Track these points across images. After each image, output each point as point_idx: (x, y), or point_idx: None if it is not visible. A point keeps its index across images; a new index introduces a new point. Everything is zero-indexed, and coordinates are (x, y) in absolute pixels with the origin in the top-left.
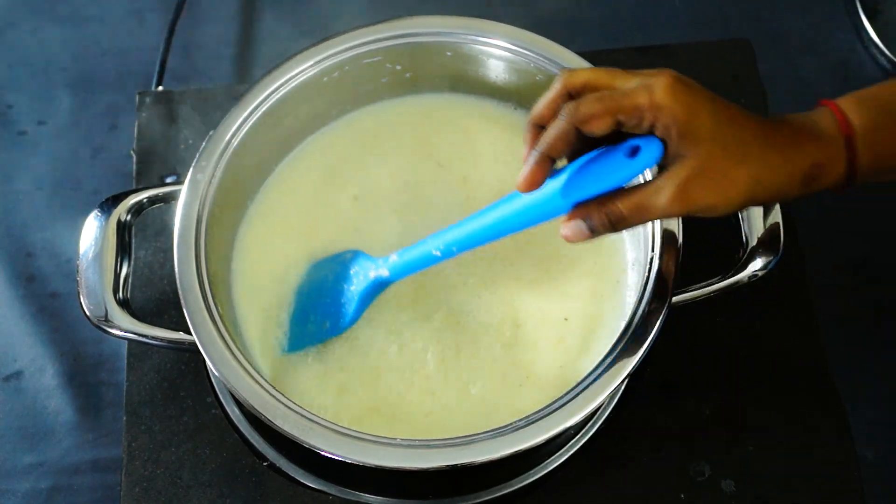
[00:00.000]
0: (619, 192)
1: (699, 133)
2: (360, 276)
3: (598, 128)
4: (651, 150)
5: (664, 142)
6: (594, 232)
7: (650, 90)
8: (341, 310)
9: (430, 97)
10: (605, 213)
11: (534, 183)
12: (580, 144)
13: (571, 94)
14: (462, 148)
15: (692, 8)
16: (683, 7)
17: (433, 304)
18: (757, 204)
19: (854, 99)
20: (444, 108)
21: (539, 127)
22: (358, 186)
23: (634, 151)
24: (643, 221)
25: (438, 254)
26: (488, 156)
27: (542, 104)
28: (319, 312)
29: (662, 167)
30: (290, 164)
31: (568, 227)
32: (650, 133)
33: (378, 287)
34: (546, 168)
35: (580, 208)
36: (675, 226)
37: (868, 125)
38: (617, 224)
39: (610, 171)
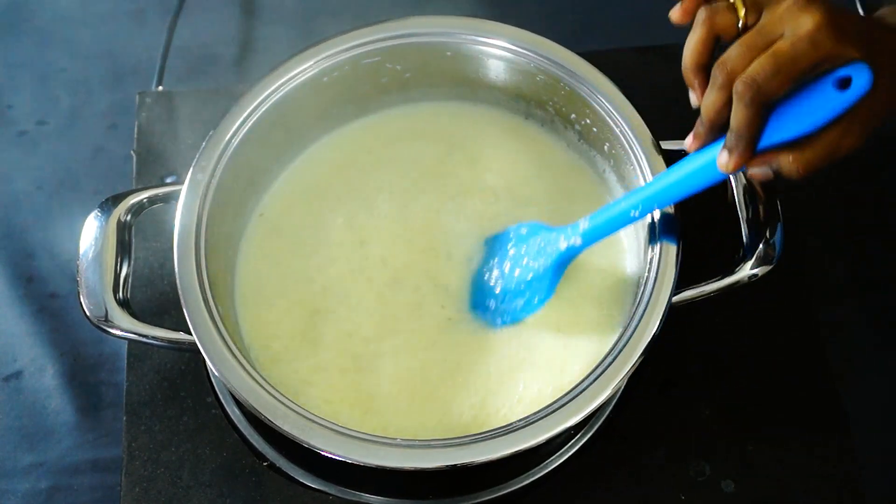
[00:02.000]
0: (806, 138)
1: (875, 68)
2: (549, 248)
3: (781, 93)
4: (862, 78)
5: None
6: (778, 175)
7: (815, 38)
8: (534, 285)
9: (430, 97)
10: (796, 160)
11: (741, 165)
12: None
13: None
14: (462, 148)
15: None
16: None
17: (436, 303)
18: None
19: None
20: (445, 108)
21: (702, 69)
22: (359, 185)
23: (845, 83)
24: (830, 163)
25: (636, 214)
26: (488, 155)
27: (692, 51)
28: (510, 291)
29: None
30: (290, 164)
31: (757, 168)
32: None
33: (571, 255)
34: (753, 150)
35: (771, 150)
36: (676, 226)
37: None
38: (805, 170)
39: (817, 108)
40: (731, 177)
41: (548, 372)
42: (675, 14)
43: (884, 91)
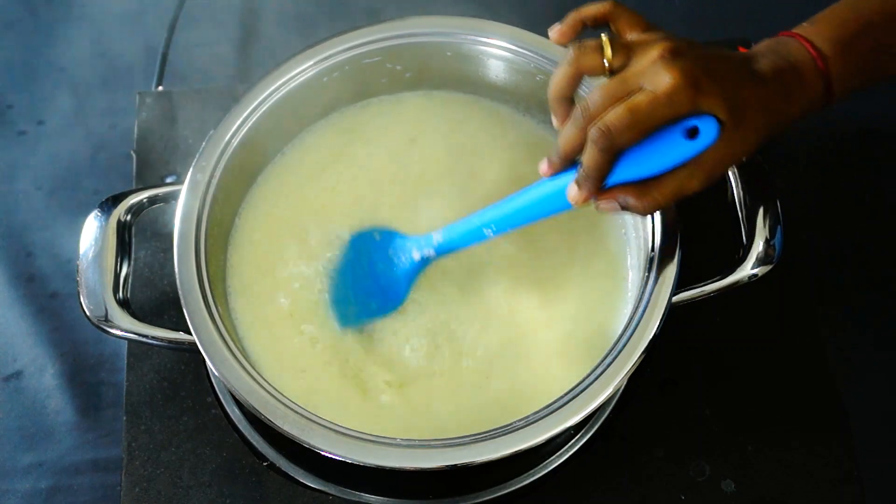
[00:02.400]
0: (652, 179)
1: (725, 122)
2: (403, 257)
3: (632, 144)
4: (710, 130)
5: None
6: (626, 210)
7: (672, 96)
8: (387, 290)
9: (430, 97)
10: (642, 198)
11: (587, 200)
12: None
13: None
14: (463, 148)
15: (691, 8)
16: (683, 7)
17: (439, 304)
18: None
19: (819, 29)
20: (445, 108)
21: (565, 100)
22: (359, 186)
23: (693, 133)
24: (672, 203)
25: (490, 232)
26: (488, 154)
27: (556, 84)
28: (361, 292)
29: None
30: (290, 163)
31: (604, 203)
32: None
33: (423, 265)
34: (599, 188)
35: (620, 187)
36: (676, 226)
37: (837, 58)
38: (649, 208)
39: (666, 153)
40: (731, 177)
41: (547, 371)
42: (553, 34)
43: (734, 141)
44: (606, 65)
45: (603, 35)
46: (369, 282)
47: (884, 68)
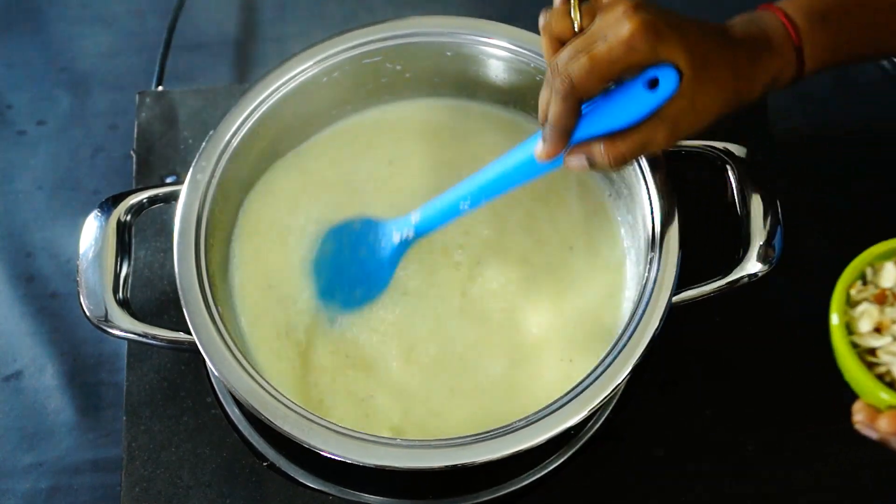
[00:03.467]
0: (618, 132)
1: (685, 72)
2: (384, 241)
3: (594, 91)
4: (669, 80)
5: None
6: (593, 167)
7: (631, 42)
8: (371, 276)
9: (431, 97)
10: (608, 152)
11: (556, 155)
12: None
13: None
14: (463, 147)
15: (692, 8)
16: (683, 7)
17: (436, 301)
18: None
19: (795, 2)
20: (445, 108)
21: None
22: (359, 186)
23: (654, 84)
24: (640, 157)
25: (465, 206)
26: (488, 154)
27: (543, 51)
28: (345, 282)
29: None
30: (290, 164)
31: (572, 158)
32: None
33: (405, 247)
34: (566, 141)
35: (586, 142)
36: (675, 226)
37: (811, 30)
38: (616, 162)
39: (628, 105)
40: (731, 177)
41: (547, 371)
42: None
43: (699, 95)
44: (575, 27)
45: None
46: (353, 270)
47: (857, 47)
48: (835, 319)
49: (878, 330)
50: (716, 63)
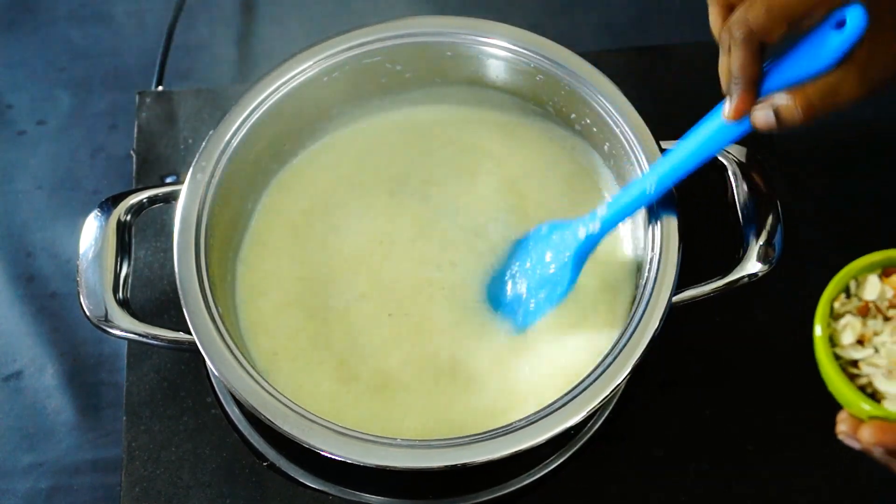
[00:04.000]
0: (807, 82)
1: (871, 10)
2: (568, 240)
3: (774, 35)
4: (857, 18)
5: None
6: (781, 122)
7: None
8: (556, 277)
9: (430, 97)
10: (797, 101)
11: (744, 112)
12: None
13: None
14: (463, 147)
15: (692, 8)
16: (683, 7)
17: (443, 302)
18: None
19: None
20: (445, 108)
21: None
22: (360, 184)
23: (841, 24)
24: (831, 110)
25: (651, 191)
26: (488, 154)
27: (712, 24)
28: (532, 287)
29: None
30: (290, 164)
31: (759, 114)
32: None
33: (592, 244)
34: (754, 94)
35: (772, 95)
36: (675, 226)
37: None
38: (806, 113)
39: (815, 51)
40: (731, 177)
41: (548, 371)
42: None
43: (884, 42)
44: None
45: None
46: (537, 276)
47: None
48: (818, 331)
49: (860, 342)
50: (890, 3)
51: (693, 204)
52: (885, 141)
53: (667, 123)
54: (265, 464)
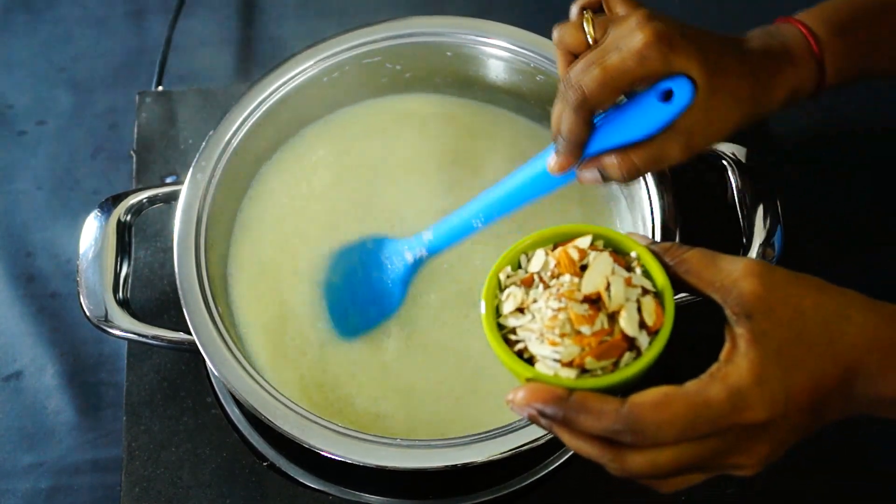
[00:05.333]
0: (633, 145)
1: (699, 83)
2: (396, 260)
3: (606, 103)
4: (684, 91)
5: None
6: (606, 180)
7: (643, 52)
8: (384, 295)
9: (430, 97)
10: (621, 165)
11: (567, 169)
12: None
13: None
14: (462, 147)
15: (691, 8)
16: (683, 7)
17: (444, 301)
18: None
19: (816, 14)
20: (445, 108)
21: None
22: (359, 184)
23: (668, 95)
24: (654, 171)
25: (478, 224)
26: (488, 154)
27: (558, 68)
28: (359, 301)
29: None
30: (290, 164)
31: (585, 172)
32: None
33: (417, 266)
34: (577, 155)
35: (599, 156)
36: (674, 226)
37: (832, 42)
38: (629, 175)
39: (642, 118)
40: (731, 177)
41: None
42: (556, 33)
43: (715, 107)
44: (589, 40)
45: (584, 12)
46: (364, 290)
47: (880, 59)
48: (482, 306)
49: (521, 311)
50: (732, 74)
51: (693, 204)
52: (886, 141)
53: None
54: (265, 464)
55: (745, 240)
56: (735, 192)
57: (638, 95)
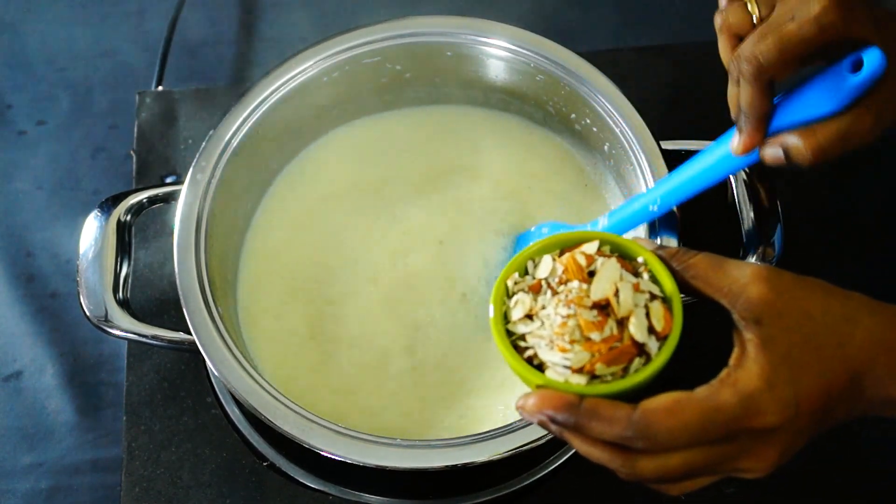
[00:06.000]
0: (818, 123)
1: (889, 54)
2: None
3: (784, 72)
4: (874, 61)
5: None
6: (790, 162)
7: (822, 19)
8: None
9: (430, 97)
10: (806, 143)
11: (753, 147)
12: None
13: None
14: (463, 147)
15: (692, 8)
16: (683, 7)
17: (444, 302)
18: None
19: None
20: (444, 108)
21: (736, 38)
22: (360, 184)
23: (857, 66)
24: (841, 154)
25: (655, 209)
26: (489, 154)
27: (721, 55)
28: None
29: None
30: (290, 164)
31: (768, 150)
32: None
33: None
34: (763, 131)
35: (783, 133)
36: (675, 226)
37: None
38: (815, 154)
39: (829, 91)
40: (731, 177)
41: None
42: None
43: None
44: (754, 19)
45: None
46: None
47: None
48: (490, 311)
49: (530, 317)
50: None
51: (693, 204)
52: (886, 141)
53: (667, 123)
54: (265, 464)
55: (745, 239)
56: (735, 192)
57: (824, 69)
